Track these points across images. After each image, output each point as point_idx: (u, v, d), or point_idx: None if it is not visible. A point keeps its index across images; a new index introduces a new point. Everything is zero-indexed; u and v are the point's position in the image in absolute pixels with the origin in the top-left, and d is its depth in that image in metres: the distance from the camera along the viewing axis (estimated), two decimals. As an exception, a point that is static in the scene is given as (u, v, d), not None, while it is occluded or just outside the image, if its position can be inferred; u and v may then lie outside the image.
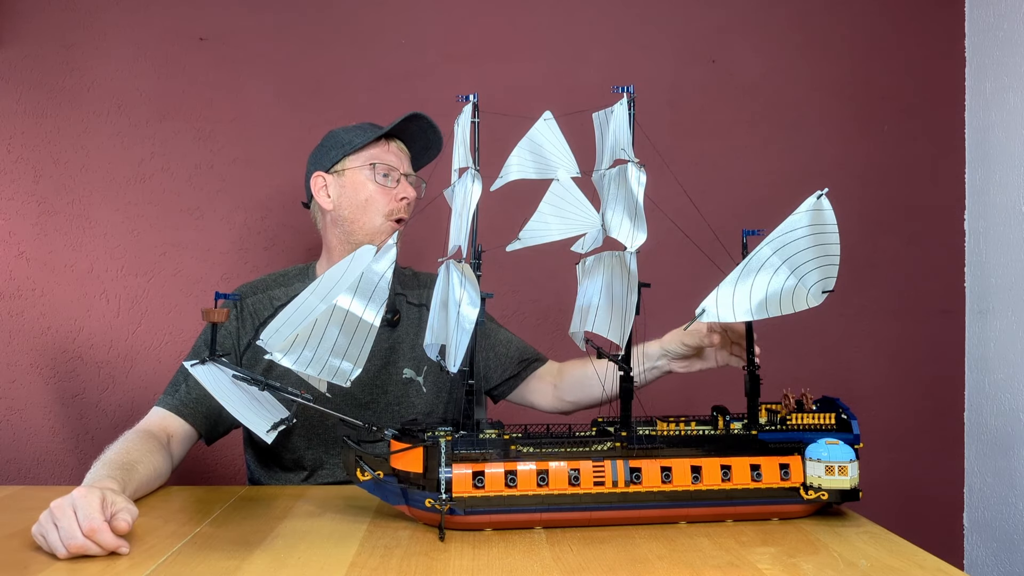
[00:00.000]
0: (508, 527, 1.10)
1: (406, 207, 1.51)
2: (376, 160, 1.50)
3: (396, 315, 1.55)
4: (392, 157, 1.53)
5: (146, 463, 1.24)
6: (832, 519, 1.17)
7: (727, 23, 2.13)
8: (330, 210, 1.53)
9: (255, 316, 1.50)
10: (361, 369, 1.06)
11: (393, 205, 1.50)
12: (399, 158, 1.54)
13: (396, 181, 1.51)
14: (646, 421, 1.19)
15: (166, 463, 1.31)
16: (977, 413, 2.12)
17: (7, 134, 1.96)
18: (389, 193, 1.50)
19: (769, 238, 1.10)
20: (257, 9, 2.02)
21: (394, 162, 1.52)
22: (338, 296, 1.03)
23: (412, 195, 1.52)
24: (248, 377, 1.05)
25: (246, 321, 1.50)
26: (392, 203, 1.50)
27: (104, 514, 1.00)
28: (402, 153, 1.55)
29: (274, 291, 1.54)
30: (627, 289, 1.11)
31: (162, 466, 1.29)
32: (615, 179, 1.14)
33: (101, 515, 0.99)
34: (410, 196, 1.51)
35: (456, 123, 1.14)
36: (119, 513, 1.01)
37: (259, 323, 1.49)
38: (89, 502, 1.00)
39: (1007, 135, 2.02)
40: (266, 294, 1.53)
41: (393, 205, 1.50)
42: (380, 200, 1.50)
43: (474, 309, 1.08)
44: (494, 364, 1.60)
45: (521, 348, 1.63)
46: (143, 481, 1.22)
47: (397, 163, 1.52)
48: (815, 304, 1.11)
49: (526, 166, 1.13)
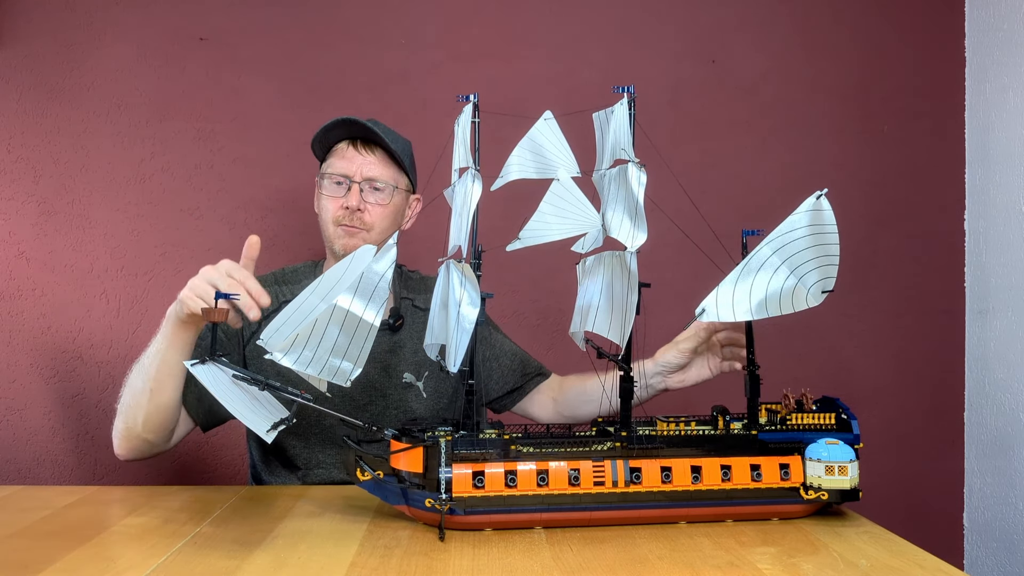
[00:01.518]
0: (508, 527, 1.10)
1: (356, 216, 1.47)
2: (326, 170, 1.51)
3: (399, 320, 1.54)
4: (344, 164, 1.49)
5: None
6: (832, 519, 1.17)
7: (727, 23, 2.13)
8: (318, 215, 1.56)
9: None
10: (361, 369, 1.06)
11: (339, 212, 1.48)
12: (355, 163, 1.49)
13: (348, 189, 1.48)
14: (646, 421, 1.19)
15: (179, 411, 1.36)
16: (977, 413, 2.12)
17: (7, 134, 1.96)
18: (338, 201, 1.49)
19: (769, 238, 1.10)
20: (257, 9, 2.02)
21: (345, 169, 1.49)
22: (338, 296, 1.03)
23: (353, 204, 1.46)
24: (248, 377, 1.05)
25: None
26: (339, 211, 1.48)
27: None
28: (363, 156, 1.49)
29: (282, 287, 1.54)
30: (627, 289, 1.11)
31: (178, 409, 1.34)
32: (615, 179, 1.14)
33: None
34: (351, 204, 1.46)
35: (456, 123, 1.14)
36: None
37: (265, 316, 1.48)
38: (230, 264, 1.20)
39: (1007, 135, 2.02)
40: (274, 289, 1.53)
41: (339, 212, 1.48)
42: (329, 208, 1.50)
43: (474, 309, 1.08)
44: (497, 376, 1.60)
45: (524, 360, 1.63)
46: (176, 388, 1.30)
47: (349, 169, 1.48)
48: (815, 304, 1.11)
49: (526, 166, 1.13)
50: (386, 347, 1.52)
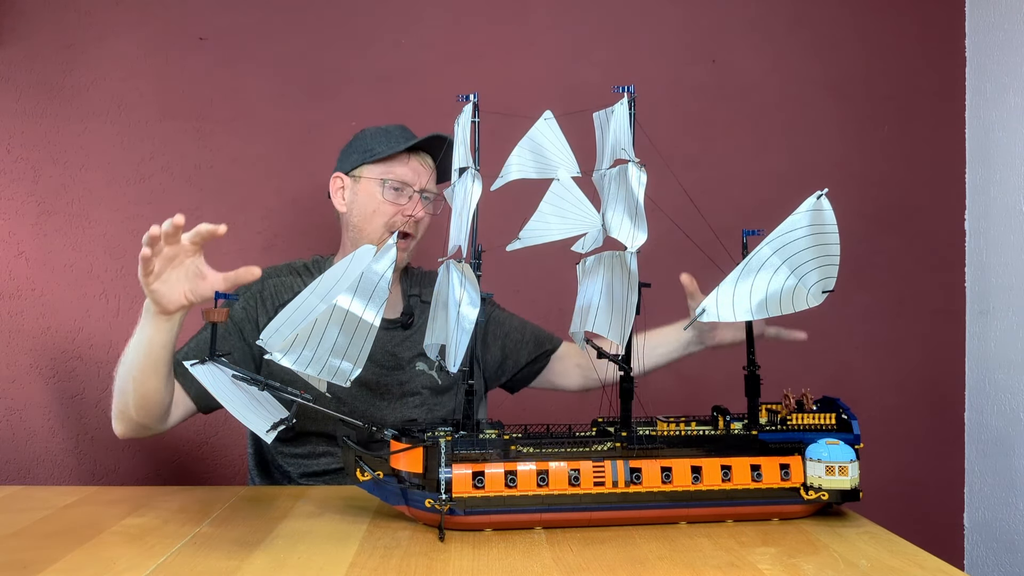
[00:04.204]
0: (508, 527, 1.10)
1: (412, 224, 1.50)
2: (390, 175, 1.50)
3: (411, 318, 1.56)
4: (408, 172, 1.51)
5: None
6: (832, 519, 1.17)
7: (727, 23, 2.13)
8: (343, 213, 1.55)
9: (275, 297, 1.51)
10: (361, 369, 1.06)
11: (399, 219, 1.49)
12: (417, 173, 1.51)
13: (408, 197, 1.50)
14: (646, 421, 1.19)
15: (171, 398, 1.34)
16: (977, 413, 2.12)
17: (7, 134, 1.96)
18: (397, 208, 1.50)
19: (769, 238, 1.10)
20: (257, 9, 2.02)
21: (409, 177, 1.50)
22: (338, 296, 1.03)
23: (420, 215, 1.50)
24: (248, 377, 1.05)
25: (266, 301, 1.50)
26: (398, 217, 1.49)
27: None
28: (423, 167, 1.53)
29: (295, 278, 1.54)
30: (627, 289, 1.11)
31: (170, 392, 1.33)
32: (615, 179, 1.14)
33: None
34: (417, 215, 1.49)
35: (456, 123, 1.14)
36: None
37: (279, 304, 1.48)
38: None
39: (1007, 135, 2.02)
40: (289, 278, 1.54)
41: (399, 219, 1.49)
42: (387, 213, 1.50)
43: (474, 309, 1.08)
44: (510, 352, 1.61)
45: (537, 333, 1.64)
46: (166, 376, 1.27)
47: (412, 178, 1.51)
48: (815, 304, 1.11)
49: (526, 166, 1.13)
50: (398, 340, 1.54)
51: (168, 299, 1.17)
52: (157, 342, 1.22)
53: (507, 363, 1.63)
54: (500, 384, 1.67)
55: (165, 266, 1.15)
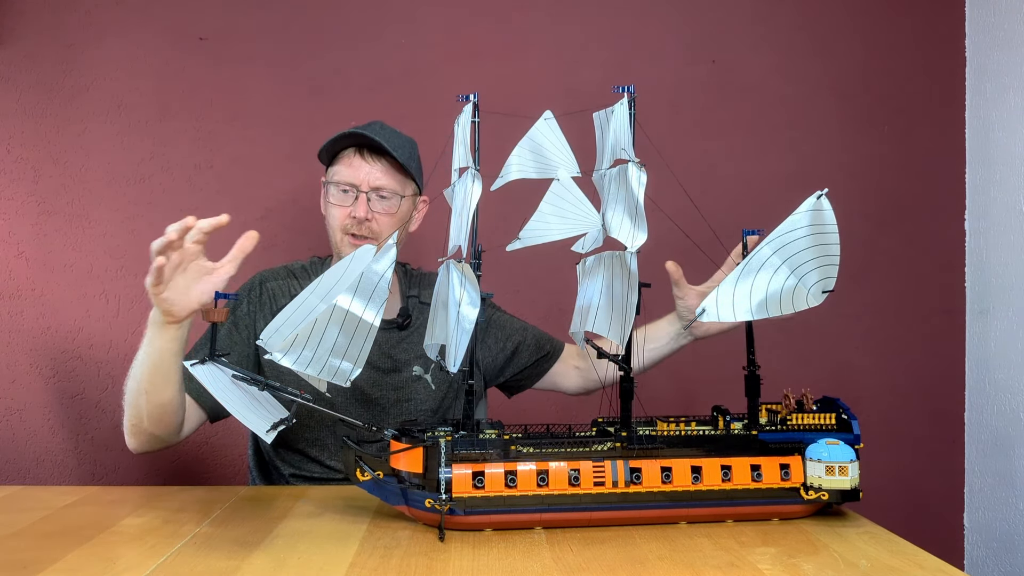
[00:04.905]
0: (508, 527, 1.10)
1: (364, 225, 1.47)
2: (332, 178, 1.50)
3: (408, 319, 1.55)
4: (350, 172, 1.48)
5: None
6: (832, 519, 1.17)
7: (727, 23, 2.13)
8: None
9: (274, 300, 1.50)
10: (361, 369, 1.06)
11: (347, 221, 1.48)
12: (360, 171, 1.48)
13: (355, 198, 1.48)
14: (646, 421, 1.18)
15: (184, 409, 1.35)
16: (977, 413, 2.12)
17: (7, 134, 1.96)
18: (345, 210, 1.48)
19: (769, 238, 1.10)
20: (257, 9, 2.02)
21: (351, 178, 1.48)
22: (338, 296, 1.03)
23: (361, 214, 1.46)
24: (248, 377, 1.05)
25: (264, 304, 1.50)
26: (347, 220, 1.48)
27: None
28: (369, 165, 1.48)
29: (292, 281, 1.54)
30: (627, 289, 1.11)
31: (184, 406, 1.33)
32: (615, 179, 1.14)
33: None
34: (359, 215, 1.46)
35: (456, 123, 1.14)
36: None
37: (277, 308, 1.48)
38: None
39: (1007, 135, 2.02)
40: (287, 281, 1.54)
41: (347, 221, 1.48)
42: (336, 216, 1.49)
43: (474, 309, 1.08)
44: (511, 354, 1.61)
45: (538, 335, 1.64)
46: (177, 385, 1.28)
47: (356, 178, 1.47)
48: (815, 304, 1.11)
49: (526, 166, 1.13)
50: (395, 342, 1.53)
51: (180, 305, 1.17)
52: (168, 351, 1.22)
53: (508, 366, 1.62)
54: (498, 384, 1.66)
55: (172, 272, 1.15)
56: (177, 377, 1.27)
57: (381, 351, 1.51)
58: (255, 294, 1.51)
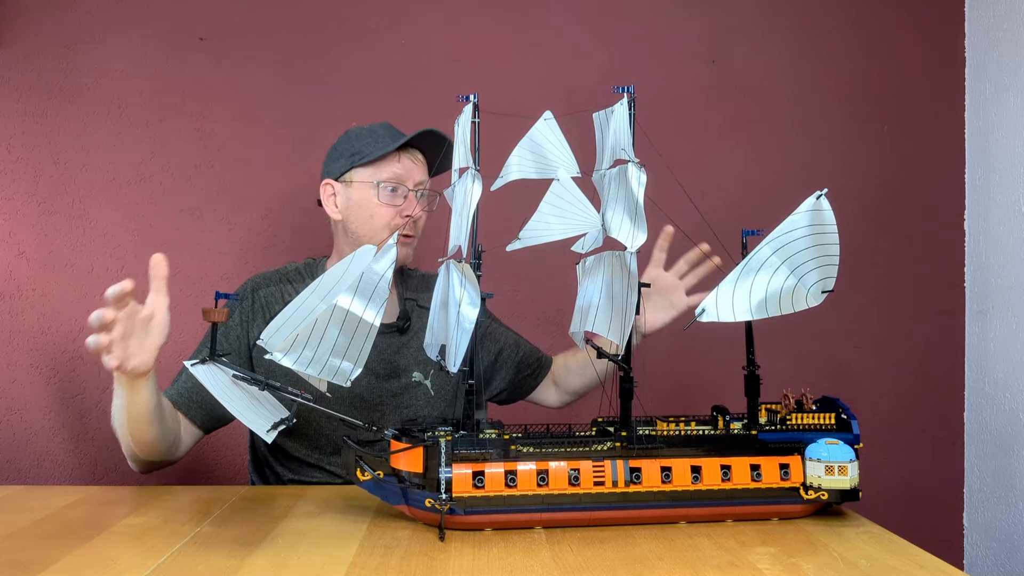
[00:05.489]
0: (508, 527, 1.10)
1: (412, 224, 1.48)
2: (382, 176, 1.47)
3: (407, 322, 1.54)
4: (400, 169, 1.47)
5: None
6: (832, 519, 1.17)
7: (727, 23, 2.13)
8: (338, 220, 1.52)
9: (267, 308, 1.49)
10: (361, 369, 1.06)
11: (398, 221, 1.47)
12: (409, 169, 1.48)
13: (404, 196, 1.48)
14: (646, 421, 1.19)
15: (177, 430, 1.36)
16: (977, 413, 2.12)
17: (7, 134, 1.96)
18: (395, 209, 1.47)
19: (769, 238, 1.10)
20: (257, 9, 2.02)
21: (402, 175, 1.47)
22: (338, 296, 1.03)
23: (417, 213, 1.48)
24: (248, 377, 1.05)
25: (257, 313, 1.48)
26: (397, 219, 1.47)
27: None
28: (414, 163, 1.50)
29: (286, 286, 1.52)
30: (627, 289, 1.11)
31: (176, 428, 1.36)
32: (615, 179, 1.14)
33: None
34: (415, 215, 1.47)
35: (456, 123, 1.14)
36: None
37: (270, 316, 1.47)
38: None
39: (1007, 135, 2.02)
40: (279, 287, 1.52)
41: (398, 221, 1.47)
42: (386, 216, 1.47)
43: (474, 309, 1.08)
44: (501, 366, 1.60)
45: (528, 351, 1.64)
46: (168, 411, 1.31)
47: (406, 175, 1.48)
48: (815, 304, 1.11)
49: (526, 166, 1.13)
50: (395, 347, 1.52)
51: (140, 361, 1.15)
52: (143, 400, 1.22)
53: (494, 380, 1.62)
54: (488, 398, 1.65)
55: (123, 342, 1.12)
56: (158, 416, 1.26)
57: (380, 356, 1.49)
58: (247, 303, 1.49)
